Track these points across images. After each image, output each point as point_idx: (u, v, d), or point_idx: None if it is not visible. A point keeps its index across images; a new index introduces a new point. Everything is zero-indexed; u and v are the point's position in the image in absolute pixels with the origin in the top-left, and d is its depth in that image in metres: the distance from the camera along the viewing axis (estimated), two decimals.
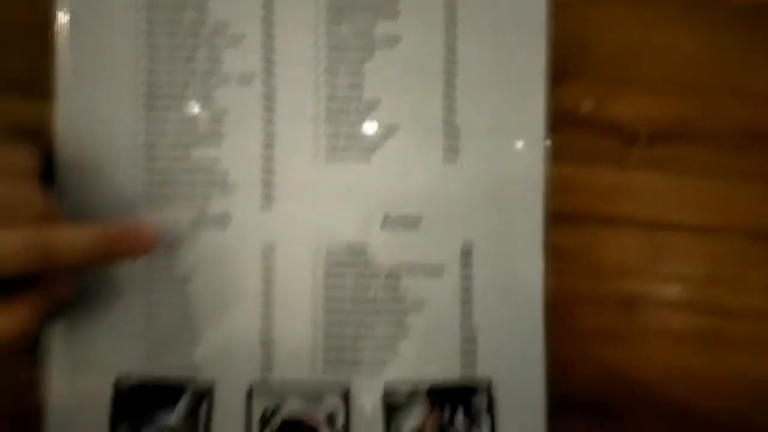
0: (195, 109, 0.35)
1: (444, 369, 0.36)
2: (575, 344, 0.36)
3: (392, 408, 0.35)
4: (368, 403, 0.35)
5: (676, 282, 0.36)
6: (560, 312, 0.36)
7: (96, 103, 0.35)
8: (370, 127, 0.36)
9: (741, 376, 0.36)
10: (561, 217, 0.36)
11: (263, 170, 0.35)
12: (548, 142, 0.35)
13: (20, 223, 0.28)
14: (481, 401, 0.35)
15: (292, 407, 0.36)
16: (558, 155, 0.35)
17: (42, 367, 0.36)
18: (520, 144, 0.35)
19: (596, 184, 0.36)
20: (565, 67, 0.35)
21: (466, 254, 0.35)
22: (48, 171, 0.35)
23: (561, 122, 0.35)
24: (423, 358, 0.36)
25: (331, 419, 0.35)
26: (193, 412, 0.36)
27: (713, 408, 0.35)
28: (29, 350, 0.35)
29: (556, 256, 0.35)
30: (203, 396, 0.36)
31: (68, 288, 0.33)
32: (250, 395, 0.35)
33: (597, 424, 0.36)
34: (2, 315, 0.27)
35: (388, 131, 0.35)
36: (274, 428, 0.35)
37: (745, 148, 0.36)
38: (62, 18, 0.35)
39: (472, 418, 0.35)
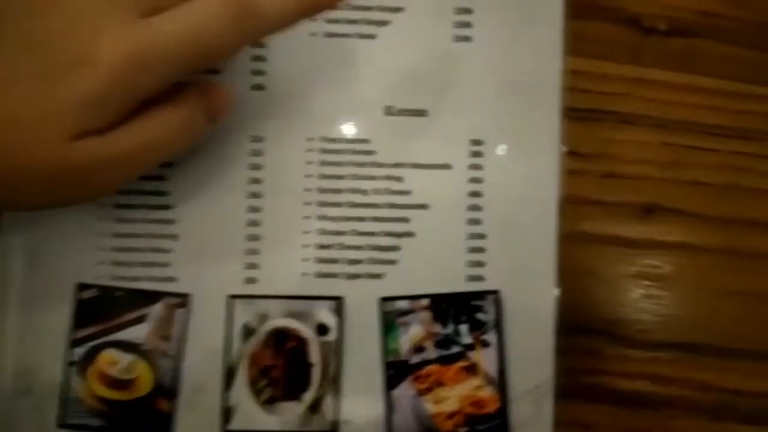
0: None
1: (448, 281, 0.32)
2: (589, 252, 0.33)
3: (391, 320, 0.32)
4: (364, 314, 0.32)
5: (694, 188, 0.33)
6: (573, 218, 0.33)
7: None
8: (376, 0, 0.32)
9: (761, 294, 0.33)
10: (575, 114, 0.33)
11: (251, 47, 0.32)
12: (565, 31, 0.33)
13: None
14: (488, 314, 0.32)
15: (279, 318, 0.32)
16: (574, 46, 0.33)
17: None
18: (536, 31, 0.32)
19: (612, 79, 0.33)
20: None
21: (476, 152, 0.32)
22: None
23: (578, 10, 0.33)
24: (425, 267, 0.32)
25: (322, 330, 0.32)
26: (165, 323, 0.31)
27: (726, 329, 0.33)
28: None
29: (570, 156, 0.33)
30: (178, 306, 0.31)
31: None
32: (231, 306, 0.31)
33: (608, 341, 0.33)
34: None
35: (396, 7, 0.32)
36: (260, 340, 0.31)
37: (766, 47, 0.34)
38: None
39: (478, 332, 0.32)
